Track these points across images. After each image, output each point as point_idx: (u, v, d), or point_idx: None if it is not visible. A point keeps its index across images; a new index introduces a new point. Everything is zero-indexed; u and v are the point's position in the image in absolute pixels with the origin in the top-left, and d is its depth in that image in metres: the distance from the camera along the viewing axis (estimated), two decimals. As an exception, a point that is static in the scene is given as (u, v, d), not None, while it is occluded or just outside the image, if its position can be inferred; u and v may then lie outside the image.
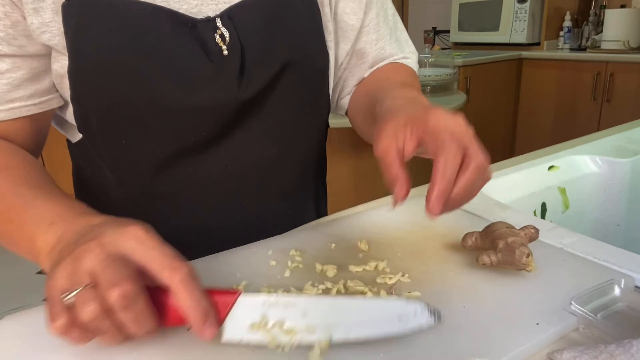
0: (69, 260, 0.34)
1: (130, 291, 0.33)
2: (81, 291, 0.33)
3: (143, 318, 0.35)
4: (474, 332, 0.40)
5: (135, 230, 0.35)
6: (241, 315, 0.37)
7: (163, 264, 0.34)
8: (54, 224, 0.40)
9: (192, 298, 0.34)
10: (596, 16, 3.15)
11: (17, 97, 0.50)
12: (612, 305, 0.42)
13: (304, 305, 0.38)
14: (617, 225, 0.84)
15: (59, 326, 0.34)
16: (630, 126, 1.02)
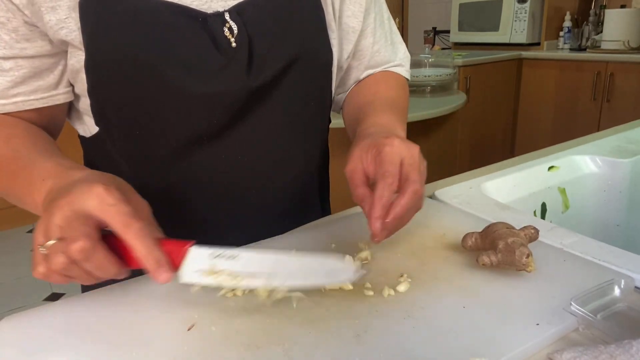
0: (45, 216, 0.40)
1: (87, 245, 0.39)
2: (52, 244, 0.39)
3: (104, 266, 0.40)
4: (474, 332, 0.40)
5: (98, 189, 0.40)
6: (193, 263, 0.43)
7: (119, 221, 0.40)
8: (45, 179, 0.46)
9: (145, 249, 0.40)
10: (596, 16, 3.15)
11: (19, 92, 0.53)
12: (612, 305, 0.42)
13: (247, 258, 0.44)
14: (617, 226, 0.84)
15: (40, 272, 0.40)
16: (630, 126, 1.02)
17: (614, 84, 2.71)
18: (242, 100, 0.56)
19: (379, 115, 0.61)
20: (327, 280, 0.45)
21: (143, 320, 0.43)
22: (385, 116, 0.61)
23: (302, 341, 0.39)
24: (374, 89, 0.70)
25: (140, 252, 0.40)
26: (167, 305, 0.45)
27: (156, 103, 0.53)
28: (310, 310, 0.44)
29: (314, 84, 0.63)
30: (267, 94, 0.58)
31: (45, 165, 0.48)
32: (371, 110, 0.63)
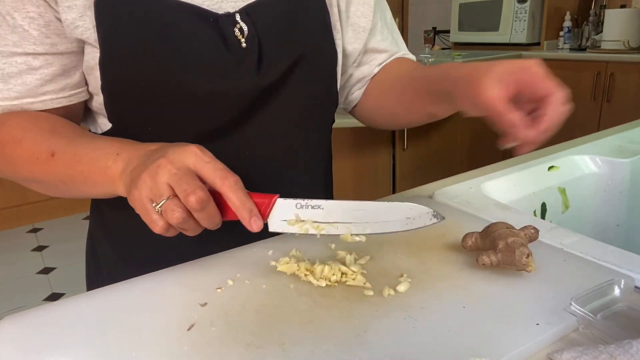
0: (146, 176, 0.43)
1: (203, 196, 0.42)
2: (166, 202, 0.42)
3: (214, 215, 0.44)
4: (474, 332, 0.40)
5: (193, 148, 0.45)
6: (280, 214, 0.48)
7: (215, 175, 0.44)
8: (119, 153, 0.49)
9: (239, 200, 0.44)
10: (596, 16, 3.15)
11: (48, 90, 0.54)
12: (612, 305, 0.42)
13: (329, 208, 0.48)
14: (617, 226, 0.84)
15: (161, 227, 0.44)
16: (630, 126, 1.02)
17: (614, 84, 2.71)
18: (252, 98, 0.58)
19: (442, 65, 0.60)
20: (405, 226, 0.48)
21: (143, 320, 0.43)
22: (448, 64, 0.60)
23: (302, 341, 0.39)
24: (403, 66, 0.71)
25: (235, 203, 0.44)
26: (167, 305, 0.45)
27: (168, 100, 0.55)
28: (310, 310, 0.44)
29: (319, 83, 0.65)
30: (275, 91, 0.59)
31: (112, 142, 0.51)
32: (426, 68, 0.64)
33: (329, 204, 0.48)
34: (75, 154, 0.51)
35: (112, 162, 0.48)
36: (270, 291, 0.47)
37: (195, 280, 0.49)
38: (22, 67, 0.52)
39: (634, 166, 0.82)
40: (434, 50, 3.23)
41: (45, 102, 0.55)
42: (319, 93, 0.65)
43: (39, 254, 2.70)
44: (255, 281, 0.49)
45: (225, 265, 0.52)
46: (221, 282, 0.48)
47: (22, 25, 0.51)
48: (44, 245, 2.79)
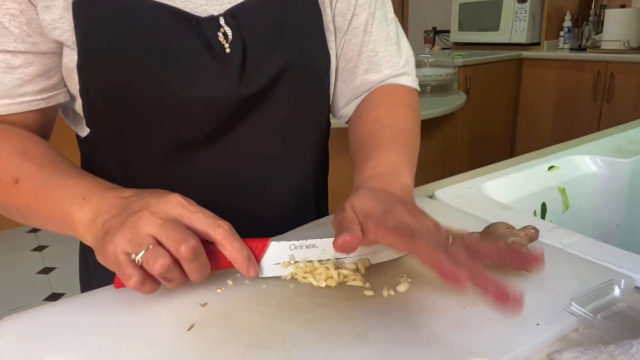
0: (126, 229, 0.40)
1: (196, 245, 0.40)
2: (147, 251, 0.39)
3: (205, 266, 0.42)
4: (474, 332, 0.40)
5: (178, 198, 0.42)
6: (273, 257, 0.47)
7: (207, 224, 0.42)
8: (86, 199, 0.45)
9: (235, 248, 0.43)
10: (596, 16, 3.15)
11: (27, 91, 0.52)
12: (612, 305, 0.42)
13: (323, 245, 0.47)
14: (617, 226, 0.84)
15: (134, 282, 0.40)
16: (630, 126, 1.02)
17: (614, 84, 2.71)
18: (234, 108, 0.55)
19: (381, 155, 0.55)
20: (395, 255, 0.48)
21: (143, 320, 0.43)
22: (388, 157, 0.55)
23: (302, 341, 0.39)
24: (375, 114, 0.63)
25: (231, 251, 0.43)
26: (167, 305, 0.45)
27: (147, 106, 0.53)
28: (310, 310, 0.44)
29: (309, 90, 0.61)
30: (260, 101, 0.56)
31: (81, 183, 0.47)
32: (372, 146, 0.57)
33: (323, 242, 0.47)
34: (39, 188, 0.47)
35: (77, 207, 0.44)
36: (270, 291, 0.47)
37: (195, 280, 0.49)
38: (0, 66, 0.49)
39: (634, 166, 0.82)
40: (434, 50, 3.23)
41: (23, 104, 0.52)
42: (309, 100, 0.62)
43: (39, 254, 2.70)
44: (255, 281, 0.48)
45: (225, 265, 0.52)
46: (221, 282, 0.48)
47: (2, 22, 0.48)
48: (44, 245, 2.79)
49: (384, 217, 0.42)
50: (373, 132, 0.60)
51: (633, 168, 0.82)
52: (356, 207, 0.45)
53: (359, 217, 0.44)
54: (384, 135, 0.59)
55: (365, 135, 0.60)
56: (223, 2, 0.54)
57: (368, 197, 0.46)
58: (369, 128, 0.61)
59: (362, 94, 0.66)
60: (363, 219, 0.43)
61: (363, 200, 0.45)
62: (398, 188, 0.50)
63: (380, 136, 0.59)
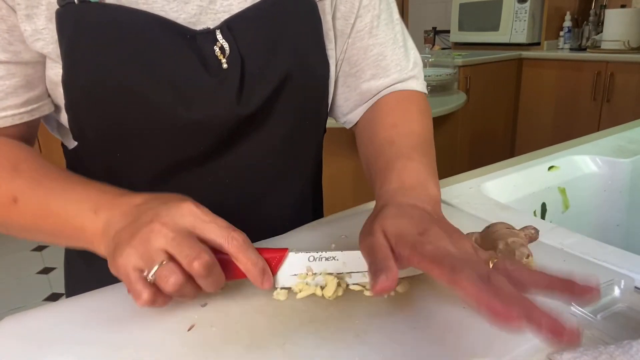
0: (136, 243, 0.38)
1: (210, 260, 0.38)
2: (159, 268, 0.38)
3: (220, 280, 0.40)
4: (474, 332, 0.40)
5: (190, 206, 0.40)
6: (290, 268, 0.45)
7: (221, 235, 0.40)
8: (97, 211, 0.43)
9: (250, 260, 0.41)
10: (596, 16, 3.15)
11: (9, 104, 0.49)
12: (612, 306, 0.42)
13: (344, 258, 0.45)
14: (617, 226, 0.84)
15: (146, 300, 0.38)
16: (630, 126, 1.02)
17: (614, 84, 2.71)
18: (231, 127, 0.53)
19: (405, 166, 0.52)
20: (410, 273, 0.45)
21: (143, 320, 0.43)
22: (412, 168, 0.51)
23: (302, 341, 0.39)
24: (391, 121, 0.59)
25: (246, 263, 0.41)
26: (167, 306, 0.45)
27: (138, 126, 0.50)
28: (310, 310, 0.44)
29: (310, 101, 0.59)
30: (259, 118, 0.54)
31: (87, 194, 0.44)
32: (393, 156, 0.53)
33: (344, 255, 0.45)
34: (43, 205, 0.45)
35: (89, 221, 0.42)
36: (270, 291, 0.47)
37: (195, 281, 0.49)
38: None
39: (634, 166, 0.82)
40: (434, 50, 3.23)
41: (6, 119, 0.49)
42: (307, 113, 0.59)
43: (39, 254, 2.70)
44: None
45: (225, 266, 0.52)
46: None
47: None
48: (44, 245, 2.79)
49: (419, 241, 0.38)
50: (392, 140, 0.56)
51: (633, 168, 0.82)
52: (388, 231, 0.41)
53: (391, 241, 0.40)
54: (404, 143, 0.55)
55: (384, 143, 0.56)
56: (218, 11, 0.52)
57: (399, 218, 0.42)
58: (387, 135, 0.57)
59: (369, 99, 0.64)
60: (395, 243, 0.39)
61: (394, 222, 0.41)
62: (428, 202, 0.47)
63: (401, 144, 0.55)
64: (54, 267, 2.54)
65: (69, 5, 0.45)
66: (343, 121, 0.68)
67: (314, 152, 0.66)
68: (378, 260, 0.38)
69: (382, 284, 0.35)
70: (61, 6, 0.45)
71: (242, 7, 0.52)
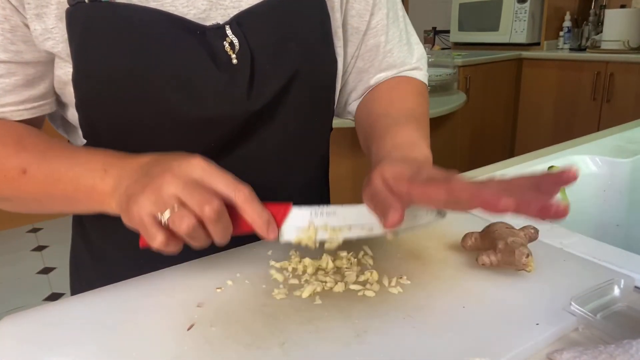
0: (149, 191, 0.40)
1: (219, 206, 0.40)
2: (173, 212, 0.39)
3: (228, 227, 0.42)
4: (474, 332, 0.40)
5: (199, 161, 0.42)
6: (293, 222, 0.46)
7: (228, 187, 0.41)
8: (107, 170, 0.45)
9: (255, 211, 0.42)
10: (596, 16, 3.15)
11: (8, 102, 0.49)
12: (612, 305, 0.42)
13: (344, 213, 0.46)
14: (617, 225, 0.84)
15: (160, 242, 0.40)
16: (630, 126, 1.02)
17: (614, 84, 2.71)
18: (242, 123, 0.54)
19: (398, 130, 0.55)
20: (415, 222, 0.46)
21: (143, 320, 0.43)
22: (405, 132, 0.55)
23: (302, 341, 0.39)
24: (387, 98, 0.63)
25: (252, 214, 0.42)
26: (167, 305, 0.45)
27: (148, 123, 0.51)
28: (310, 310, 0.44)
29: (318, 98, 0.60)
30: (268, 114, 0.55)
31: (95, 157, 0.46)
32: (388, 124, 0.57)
33: (343, 209, 0.46)
34: (52, 171, 0.46)
35: (99, 179, 0.44)
36: (270, 291, 0.47)
37: (194, 281, 0.49)
38: None
39: (634, 166, 0.82)
40: (434, 50, 3.23)
41: (4, 114, 0.49)
42: (317, 108, 0.61)
43: (39, 254, 2.70)
44: (255, 281, 0.49)
45: (224, 265, 0.52)
46: (221, 282, 0.48)
47: None
48: (44, 245, 2.79)
49: (415, 176, 0.42)
50: (387, 113, 0.60)
51: (633, 168, 0.82)
52: (385, 175, 0.44)
53: (390, 182, 0.43)
54: (399, 114, 0.59)
55: (379, 116, 0.60)
56: (227, 7, 0.52)
57: (395, 163, 0.45)
58: (383, 108, 0.62)
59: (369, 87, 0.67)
60: (394, 183, 0.42)
61: (390, 167, 0.44)
62: (420, 157, 0.51)
63: (396, 115, 0.59)
64: (54, 267, 2.53)
65: (79, 4, 0.46)
66: (345, 113, 0.70)
67: (321, 148, 0.66)
68: (381, 202, 0.42)
69: (392, 218, 0.39)
70: (71, 5, 0.46)
71: (251, 2, 0.53)
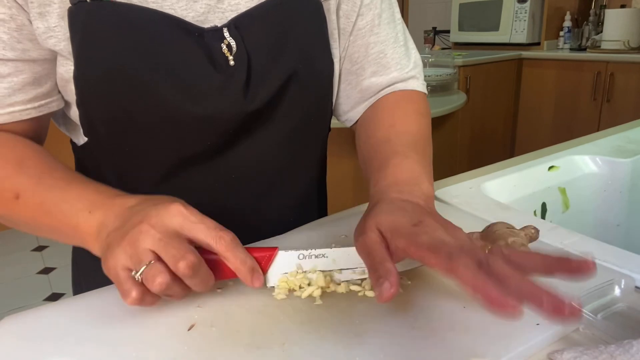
0: (126, 244, 0.39)
1: (195, 261, 0.39)
2: (147, 268, 0.39)
3: (207, 280, 0.41)
4: (474, 332, 0.40)
5: (179, 208, 0.40)
6: (280, 267, 0.45)
7: (209, 235, 0.40)
8: (91, 212, 0.44)
9: (239, 259, 0.41)
10: (596, 16, 3.15)
11: (17, 100, 0.50)
12: (612, 305, 0.42)
13: (334, 256, 0.45)
14: (617, 225, 0.84)
15: (134, 299, 0.39)
16: (630, 126, 1.02)
17: (614, 84, 2.71)
18: (238, 123, 0.54)
19: (399, 163, 0.52)
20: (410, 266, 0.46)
21: (143, 320, 0.43)
22: (406, 165, 0.52)
23: (302, 341, 0.39)
24: (390, 120, 0.60)
25: (235, 263, 0.41)
26: (167, 305, 0.45)
27: (147, 121, 0.51)
28: (310, 310, 0.44)
29: (315, 99, 0.60)
30: (265, 115, 0.55)
31: (85, 194, 0.45)
32: (388, 154, 0.54)
33: (333, 252, 0.46)
34: (42, 203, 0.46)
35: (83, 220, 0.44)
36: (270, 291, 0.47)
37: (195, 280, 0.49)
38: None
39: (634, 166, 0.82)
40: (434, 50, 3.23)
41: (14, 114, 0.50)
42: (312, 110, 0.60)
43: (39, 254, 2.70)
44: (255, 281, 0.48)
45: (225, 265, 0.52)
46: (221, 282, 0.48)
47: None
48: (44, 245, 2.79)
49: (414, 232, 0.39)
50: (388, 139, 0.57)
51: (633, 168, 0.82)
52: (382, 226, 0.41)
53: (386, 236, 0.40)
54: (400, 142, 0.56)
55: (380, 142, 0.57)
56: (225, 10, 0.52)
57: (393, 212, 0.42)
58: (384, 134, 0.58)
59: (370, 97, 0.64)
60: (391, 237, 0.40)
61: (388, 217, 0.42)
62: (421, 198, 0.47)
63: (397, 143, 0.56)
64: (54, 267, 2.54)
65: (81, 3, 0.47)
66: (344, 119, 0.69)
67: (318, 149, 0.66)
68: (376, 264, 0.38)
69: (387, 292, 0.35)
70: (73, 4, 0.47)
71: (249, 5, 0.53)
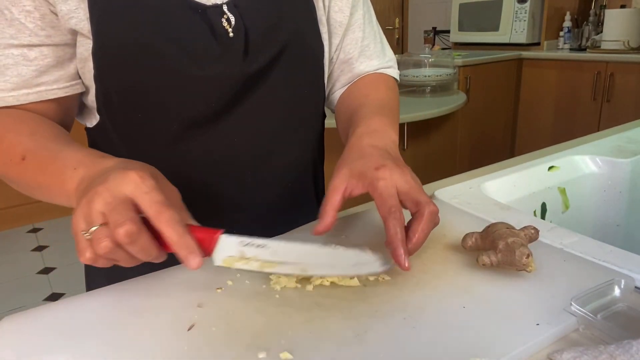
0: (84, 203, 0.41)
1: (133, 229, 0.40)
2: (96, 230, 0.40)
3: (148, 249, 0.41)
4: (474, 332, 0.40)
5: (134, 176, 0.42)
6: (224, 250, 0.45)
7: (150, 208, 0.41)
8: (76, 168, 0.47)
9: (176, 236, 0.41)
10: (596, 16, 3.15)
11: (43, 81, 0.56)
12: (612, 305, 0.42)
13: (275, 248, 0.46)
14: (617, 226, 0.84)
15: (87, 258, 0.41)
16: (630, 126, 1.02)
17: (614, 84, 2.71)
18: (239, 84, 0.60)
19: (371, 118, 0.63)
20: (353, 271, 0.47)
21: (143, 320, 0.43)
22: (377, 119, 0.63)
23: (302, 341, 0.39)
24: (364, 92, 0.73)
25: (171, 238, 0.41)
26: (167, 305, 0.45)
27: (157, 86, 0.57)
28: (310, 310, 0.44)
29: (306, 72, 0.67)
30: (262, 78, 0.62)
31: (75, 154, 0.49)
32: (363, 113, 0.66)
33: (275, 244, 0.46)
34: (41, 162, 0.51)
35: (69, 176, 0.47)
36: (270, 291, 0.47)
37: (195, 281, 0.49)
38: (18, 59, 0.54)
39: (634, 166, 0.82)
40: (434, 50, 3.23)
41: (41, 93, 0.56)
42: (305, 82, 0.68)
43: (39, 254, 2.70)
44: (255, 281, 0.49)
45: (225, 265, 0.52)
46: (221, 282, 0.48)
47: (19, 18, 0.52)
48: (44, 245, 2.79)
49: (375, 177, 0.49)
50: (363, 104, 0.69)
51: (633, 168, 0.82)
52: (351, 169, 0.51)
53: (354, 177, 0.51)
54: (373, 104, 0.68)
55: (357, 106, 0.69)
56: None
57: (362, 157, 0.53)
58: (360, 101, 0.70)
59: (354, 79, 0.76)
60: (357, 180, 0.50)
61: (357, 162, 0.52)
62: (388, 143, 0.58)
63: (370, 105, 0.68)
64: (54, 267, 2.53)
65: None
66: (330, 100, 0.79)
67: (313, 124, 0.73)
68: (323, 206, 0.49)
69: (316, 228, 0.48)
70: None
71: None
